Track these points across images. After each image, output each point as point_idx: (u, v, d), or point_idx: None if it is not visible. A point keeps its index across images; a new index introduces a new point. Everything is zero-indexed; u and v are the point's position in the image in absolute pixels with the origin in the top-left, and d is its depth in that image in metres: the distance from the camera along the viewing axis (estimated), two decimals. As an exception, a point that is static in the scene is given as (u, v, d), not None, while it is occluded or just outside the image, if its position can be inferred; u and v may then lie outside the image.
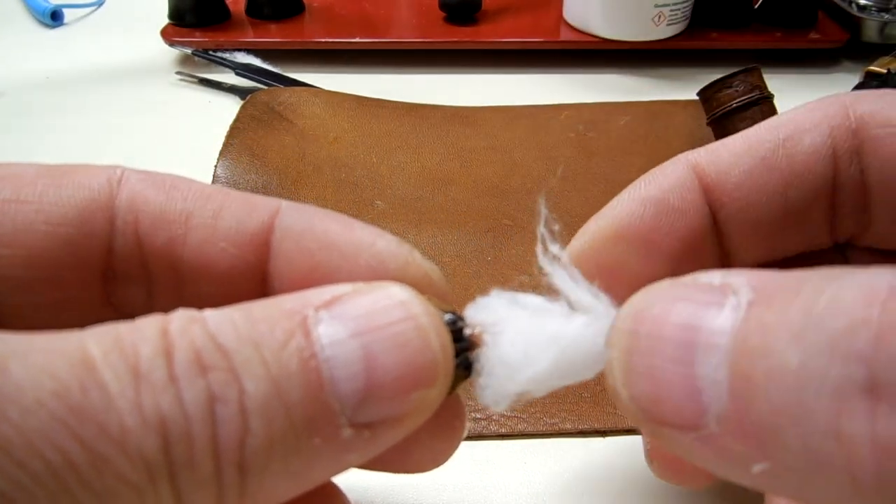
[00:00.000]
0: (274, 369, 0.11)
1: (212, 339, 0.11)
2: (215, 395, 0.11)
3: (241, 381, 0.11)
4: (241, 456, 0.11)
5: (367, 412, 0.12)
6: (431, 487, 0.26)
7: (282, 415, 0.11)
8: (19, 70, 0.54)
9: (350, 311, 0.12)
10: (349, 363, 0.12)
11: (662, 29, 0.51)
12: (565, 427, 0.28)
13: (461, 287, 0.34)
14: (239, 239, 0.15)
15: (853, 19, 0.54)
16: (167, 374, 0.11)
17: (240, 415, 0.11)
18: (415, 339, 0.12)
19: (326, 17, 0.57)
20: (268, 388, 0.11)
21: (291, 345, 0.12)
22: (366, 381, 0.12)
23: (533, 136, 0.44)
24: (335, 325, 0.12)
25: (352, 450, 0.12)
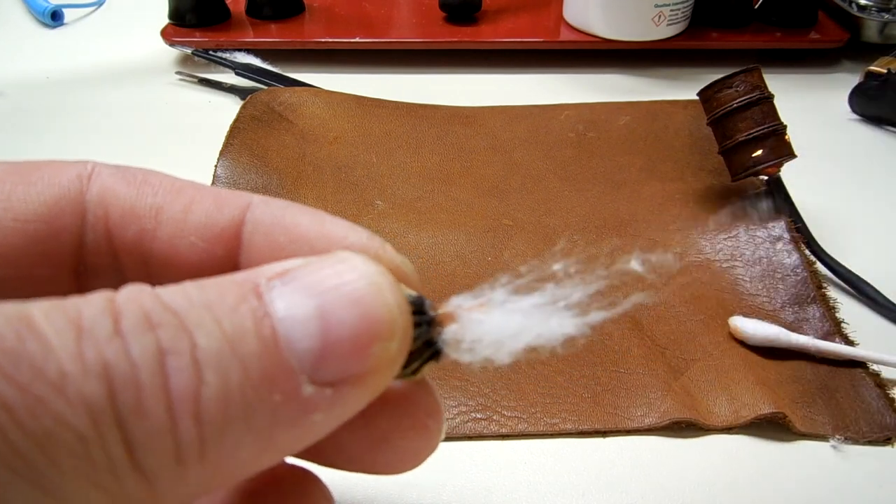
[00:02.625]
0: (227, 326, 0.11)
1: (161, 302, 0.11)
2: (165, 348, 0.11)
3: (192, 336, 0.11)
4: (197, 407, 0.11)
5: (327, 369, 0.12)
6: (431, 487, 0.26)
7: (237, 368, 0.11)
8: (19, 70, 0.54)
9: (303, 278, 0.12)
10: (304, 321, 0.12)
11: (662, 29, 0.51)
12: (565, 427, 0.28)
13: (461, 287, 0.33)
14: (208, 233, 0.15)
15: (853, 19, 0.54)
16: (112, 329, 0.11)
17: (192, 366, 0.11)
18: (369, 295, 0.12)
19: (326, 17, 0.57)
20: (221, 342, 0.11)
21: (244, 306, 0.11)
22: (322, 338, 0.12)
23: (533, 136, 0.44)
24: (288, 289, 0.12)
25: (316, 409, 0.12)
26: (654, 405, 0.29)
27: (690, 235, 0.37)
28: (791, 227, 0.36)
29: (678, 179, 0.41)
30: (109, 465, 0.10)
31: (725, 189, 0.40)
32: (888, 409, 0.29)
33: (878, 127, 0.48)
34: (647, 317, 0.33)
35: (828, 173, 0.43)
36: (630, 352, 0.31)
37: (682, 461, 0.27)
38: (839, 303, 0.33)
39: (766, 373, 0.30)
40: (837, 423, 0.28)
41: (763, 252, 0.36)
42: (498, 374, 0.30)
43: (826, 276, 0.35)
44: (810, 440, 0.28)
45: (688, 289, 0.34)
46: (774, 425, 0.28)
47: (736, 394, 0.29)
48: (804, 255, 0.35)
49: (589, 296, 0.15)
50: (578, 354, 0.31)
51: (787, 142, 0.37)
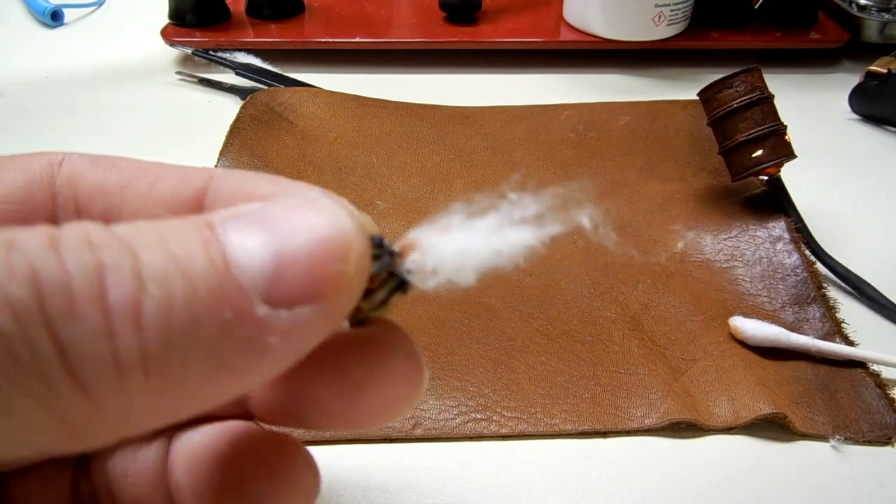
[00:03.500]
0: (174, 248, 0.11)
1: (105, 229, 0.11)
2: (104, 263, 0.10)
3: (136, 254, 0.10)
4: (138, 315, 0.10)
5: (281, 289, 0.11)
6: (431, 488, 0.26)
7: (182, 282, 0.11)
8: (19, 70, 0.54)
9: (256, 214, 0.12)
10: (257, 247, 0.11)
11: (662, 29, 0.51)
12: (566, 428, 0.28)
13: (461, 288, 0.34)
14: (172, 204, 0.15)
15: (853, 19, 0.54)
16: (45, 245, 0.10)
17: (133, 278, 0.10)
18: (324, 221, 0.12)
19: (326, 17, 0.57)
20: (167, 260, 0.11)
21: (194, 232, 0.11)
22: (275, 259, 0.11)
23: (533, 136, 0.44)
24: (241, 222, 0.12)
25: (271, 330, 0.11)
26: (654, 405, 0.29)
27: (690, 235, 0.37)
28: (791, 227, 0.36)
29: (678, 179, 0.41)
30: (40, 370, 0.10)
31: (725, 189, 0.40)
32: (888, 409, 0.29)
33: (878, 127, 0.48)
34: (647, 317, 0.33)
35: (828, 173, 0.43)
36: (630, 352, 0.31)
37: (683, 461, 0.27)
38: (839, 303, 0.33)
39: (767, 373, 0.30)
40: (837, 424, 0.28)
41: (763, 252, 0.36)
42: (498, 374, 0.30)
43: (826, 277, 0.35)
44: (810, 440, 0.28)
45: (688, 289, 0.34)
46: (774, 425, 0.28)
47: (736, 394, 0.29)
48: (804, 255, 0.35)
49: (544, 210, 0.15)
50: (578, 354, 0.31)
51: (787, 142, 0.37)
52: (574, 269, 0.35)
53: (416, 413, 0.28)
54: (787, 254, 0.35)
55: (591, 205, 0.15)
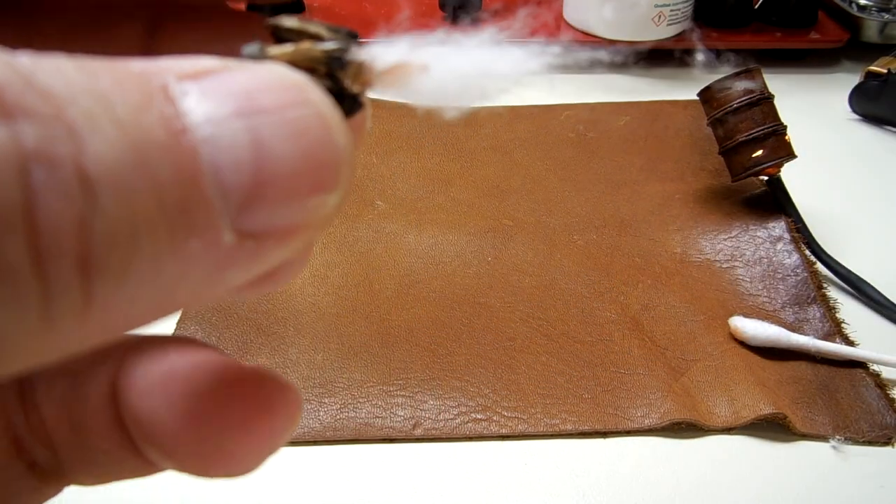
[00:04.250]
0: (132, 132, 0.08)
1: (23, 77, 0.07)
2: (29, 150, 0.07)
3: (78, 137, 0.07)
4: (85, 246, 0.07)
5: (254, 215, 0.09)
6: (432, 487, 0.26)
7: (148, 194, 0.08)
8: (19, 70, 0.54)
9: (226, 87, 0.09)
10: (233, 147, 0.08)
11: (662, 29, 0.51)
12: (566, 428, 0.28)
13: (461, 288, 0.34)
14: None
15: (853, 19, 0.54)
16: None
17: (78, 182, 0.07)
18: (315, 129, 0.09)
19: (327, 17, 0.57)
20: (125, 154, 0.08)
21: (153, 108, 0.08)
22: (254, 174, 0.09)
23: (533, 136, 0.44)
24: (210, 99, 0.09)
25: (231, 265, 0.09)
26: (654, 406, 0.29)
27: (690, 235, 0.37)
28: (791, 227, 0.36)
29: (678, 179, 0.41)
30: None
31: (725, 189, 0.40)
32: (888, 409, 0.29)
33: (878, 127, 0.48)
34: (648, 317, 0.33)
35: (828, 173, 0.43)
36: (630, 352, 0.31)
37: (683, 461, 0.27)
38: (839, 303, 0.33)
39: (767, 373, 0.30)
40: (837, 424, 0.28)
41: (763, 252, 0.36)
42: (498, 374, 0.30)
43: (826, 277, 0.35)
44: (810, 440, 0.28)
45: (688, 289, 0.34)
46: (774, 426, 0.28)
47: (736, 394, 0.29)
48: (804, 255, 0.35)
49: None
50: (578, 354, 0.31)
51: (787, 142, 0.37)
52: (574, 269, 0.35)
53: (416, 413, 0.28)
54: (787, 254, 0.35)
55: None
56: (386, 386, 0.29)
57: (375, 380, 0.29)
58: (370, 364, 0.30)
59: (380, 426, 0.28)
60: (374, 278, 0.34)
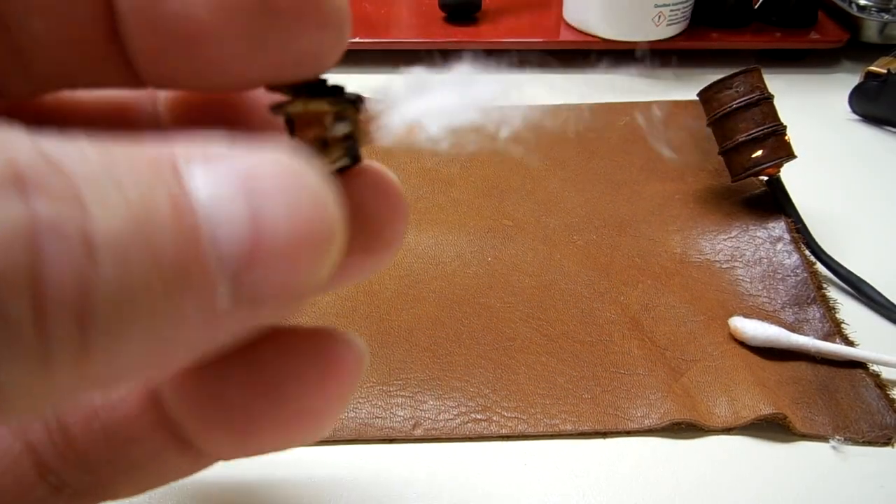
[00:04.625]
0: (136, 204, 0.08)
1: (43, 156, 0.08)
2: (41, 220, 0.08)
3: (87, 210, 0.08)
4: (84, 305, 0.08)
5: (250, 279, 0.09)
6: (432, 487, 0.26)
7: (147, 261, 0.08)
8: (19, 70, 0.54)
9: (230, 169, 0.10)
10: (232, 218, 0.09)
11: (662, 29, 0.51)
12: (565, 428, 0.28)
13: (461, 288, 0.34)
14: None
15: (853, 19, 0.54)
16: None
17: (83, 247, 0.08)
18: (309, 205, 0.10)
19: (326, 17, 0.57)
20: (128, 224, 0.08)
21: (160, 185, 0.09)
22: (252, 241, 0.09)
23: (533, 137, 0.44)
24: (212, 178, 0.09)
25: (224, 326, 0.09)
26: (654, 406, 0.29)
27: (690, 235, 0.37)
28: (791, 227, 0.36)
29: (678, 179, 0.41)
30: None
31: (725, 189, 0.40)
32: (888, 409, 0.29)
33: (878, 127, 0.48)
34: (647, 317, 0.33)
35: (828, 173, 0.43)
36: (630, 352, 0.31)
37: (683, 462, 0.27)
38: (839, 303, 0.33)
39: (767, 373, 0.30)
40: (837, 424, 0.28)
41: (763, 252, 0.36)
42: (498, 374, 0.30)
43: (826, 277, 0.35)
44: (810, 440, 0.28)
45: (688, 289, 0.34)
46: (774, 426, 0.28)
47: (736, 395, 0.29)
48: (804, 255, 0.35)
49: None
50: (578, 354, 0.31)
51: (787, 142, 0.37)
52: (574, 269, 0.35)
53: (416, 413, 0.28)
54: (787, 254, 0.35)
55: None
56: (386, 386, 0.29)
57: (375, 380, 0.29)
58: (370, 364, 0.30)
59: (380, 426, 0.28)
60: (373, 278, 0.34)
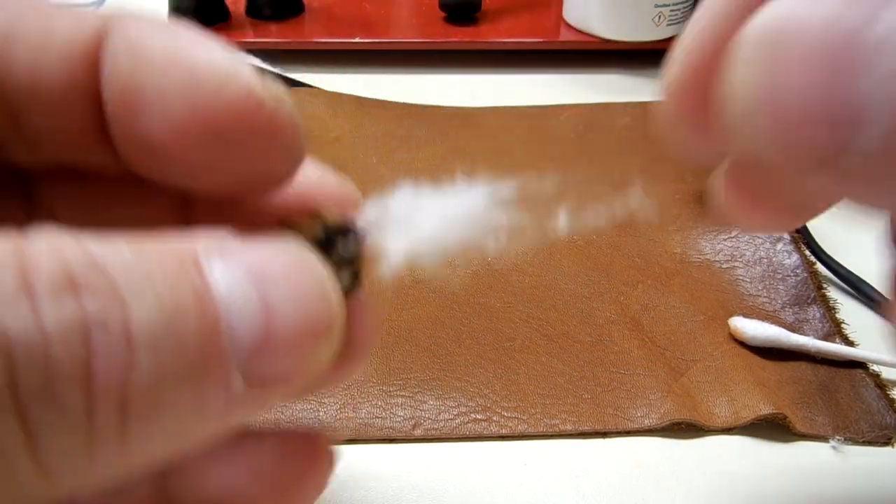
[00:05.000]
0: (167, 299, 0.10)
1: (89, 257, 0.09)
2: (91, 318, 0.09)
3: (126, 306, 0.09)
4: (125, 393, 0.09)
5: (261, 365, 0.11)
6: (431, 488, 0.26)
7: (175, 351, 0.10)
8: (19, 70, 0.54)
9: (245, 259, 0.11)
10: (247, 309, 0.11)
11: (662, 29, 0.51)
12: (565, 428, 0.28)
13: (461, 288, 0.34)
14: (68, 53, 0.13)
15: (853, 19, 0.54)
16: (18, 284, 0.08)
17: (125, 343, 0.09)
18: (314, 292, 0.11)
19: (326, 17, 0.57)
20: (160, 316, 0.10)
21: (185, 279, 0.10)
22: (263, 330, 0.11)
23: (533, 137, 0.44)
24: (230, 269, 0.11)
25: (239, 405, 0.11)
26: (654, 406, 0.29)
27: (690, 235, 0.37)
28: (791, 227, 0.36)
29: (678, 179, 0.41)
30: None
31: (725, 189, 0.40)
32: (888, 409, 0.29)
33: (878, 127, 0.48)
34: (647, 317, 0.33)
35: (828, 173, 0.43)
36: (630, 352, 0.31)
37: (683, 462, 0.27)
38: (839, 303, 0.33)
39: (767, 373, 0.30)
40: (837, 424, 0.28)
41: (763, 252, 0.36)
42: (498, 374, 0.30)
43: (826, 277, 0.35)
44: (810, 440, 0.28)
45: (688, 289, 0.34)
46: (774, 426, 0.28)
47: (736, 395, 0.29)
48: (804, 255, 0.35)
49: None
50: (578, 354, 0.31)
51: (787, 142, 0.37)
52: (574, 269, 0.35)
53: (416, 413, 0.28)
54: (787, 254, 0.35)
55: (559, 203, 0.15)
56: (385, 386, 0.29)
57: (375, 380, 0.29)
58: (370, 364, 0.30)
59: (379, 426, 0.28)
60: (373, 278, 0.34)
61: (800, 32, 0.11)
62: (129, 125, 0.13)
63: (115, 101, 0.13)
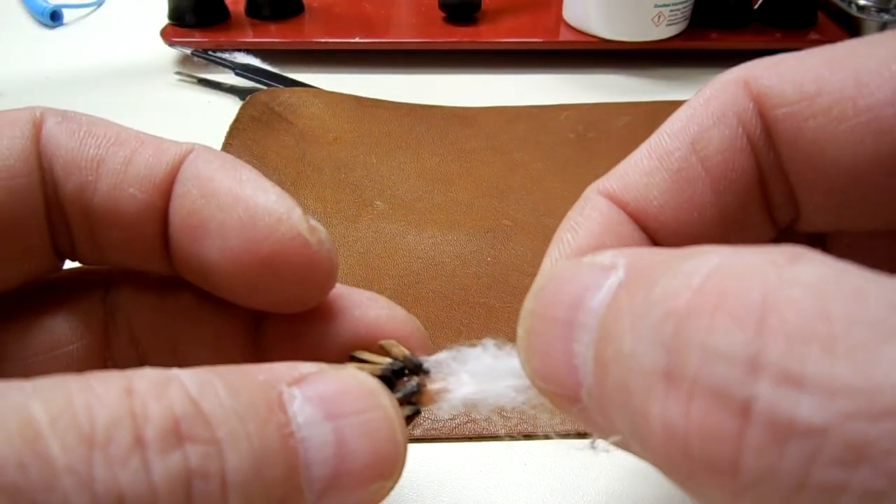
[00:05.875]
0: (257, 445, 0.11)
1: (195, 406, 0.10)
2: (193, 470, 0.10)
3: (224, 455, 0.10)
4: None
5: (329, 500, 0.12)
6: (431, 488, 0.26)
7: (261, 493, 0.11)
8: (19, 70, 0.54)
9: (321, 392, 0.12)
10: (322, 446, 0.11)
11: (662, 29, 0.51)
12: (565, 428, 0.28)
13: (461, 288, 0.34)
14: (147, 184, 0.15)
15: (853, 19, 0.54)
16: (131, 441, 0.09)
17: (220, 490, 0.10)
18: (383, 430, 0.12)
19: (326, 17, 0.57)
20: (251, 463, 0.11)
21: (272, 421, 0.11)
22: (335, 467, 0.12)
23: (533, 136, 0.44)
24: (309, 405, 0.12)
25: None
26: (653, 406, 0.29)
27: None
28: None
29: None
30: None
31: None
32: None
33: (877, 127, 0.48)
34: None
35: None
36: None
37: (682, 462, 0.27)
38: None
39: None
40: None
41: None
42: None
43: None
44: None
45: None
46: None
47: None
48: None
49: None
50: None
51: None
52: (574, 269, 0.35)
53: (416, 413, 0.28)
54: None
55: None
56: (386, 386, 0.29)
57: (375, 380, 0.29)
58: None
59: (379, 426, 0.28)
60: (373, 278, 0.34)
61: (543, 293, 0.13)
62: (189, 247, 0.15)
63: (180, 227, 0.15)
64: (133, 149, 0.15)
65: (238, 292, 0.15)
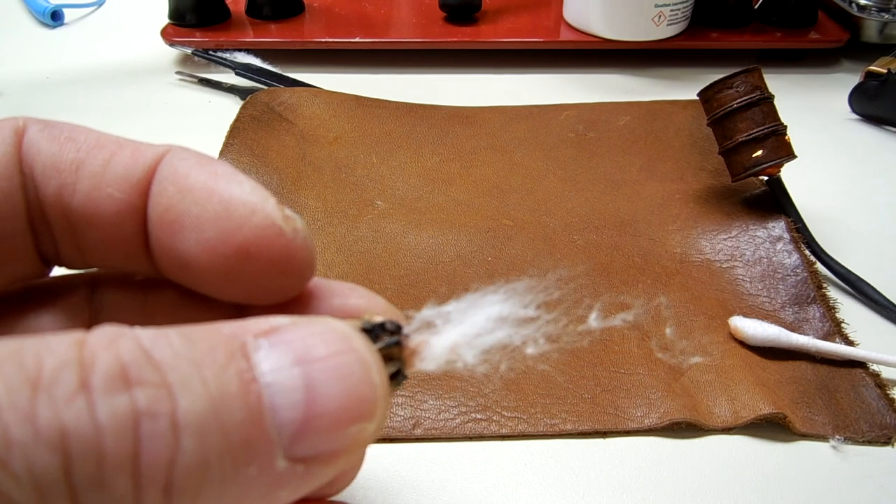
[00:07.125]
0: (213, 388, 0.11)
1: (143, 352, 0.10)
2: (141, 410, 0.10)
3: (175, 397, 0.10)
4: (169, 477, 0.10)
5: (304, 445, 0.11)
6: (432, 487, 0.26)
7: (219, 436, 0.10)
8: (19, 70, 0.54)
9: (289, 340, 0.12)
10: (290, 391, 0.11)
11: (662, 29, 0.51)
12: (566, 428, 0.28)
13: (461, 288, 0.34)
14: (125, 184, 0.15)
15: (853, 19, 0.54)
16: (77, 384, 0.10)
17: (171, 430, 0.10)
18: (357, 372, 0.12)
19: (326, 17, 0.57)
20: (205, 405, 0.10)
21: (232, 367, 0.11)
22: (305, 411, 0.11)
23: (533, 136, 0.44)
24: (275, 352, 0.12)
25: (284, 485, 0.11)
26: (654, 406, 0.29)
27: (690, 235, 0.37)
28: (791, 227, 0.36)
29: (678, 179, 0.41)
30: None
31: (725, 189, 0.40)
32: (888, 409, 0.29)
33: (878, 127, 0.48)
34: (647, 317, 0.33)
35: (828, 173, 0.43)
36: (630, 352, 0.31)
37: (683, 462, 0.27)
38: (839, 303, 0.33)
39: (766, 373, 0.30)
40: (837, 424, 0.28)
41: (763, 252, 0.36)
42: (498, 374, 0.30)
43: (826, 277, 0.35)
44: (810, 440, 0.28)
45: (688, 289, 0.34)
46: (774, 426, 0.28)
47: (736, 394, 0.29)
48: (804, 255, 0.35)
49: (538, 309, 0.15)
50: (579, 354, 0.31)
51: (787, 142, 0.37)
52: (573, 268, 0.35)
53: (416, 413, 0.28)
54: (786, 254, 0.35)
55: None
56: (386, 386, 0.29)
57: (375, 380, 0.29)
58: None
59: (380, 426, 0.28)
60: (373, 278, 0.34)
61: None
62: (167, 242, 0.15)
63: (158, 223, 0.15)
64: (112, 152, 0.15)
65: (217, 285, 0.15)
